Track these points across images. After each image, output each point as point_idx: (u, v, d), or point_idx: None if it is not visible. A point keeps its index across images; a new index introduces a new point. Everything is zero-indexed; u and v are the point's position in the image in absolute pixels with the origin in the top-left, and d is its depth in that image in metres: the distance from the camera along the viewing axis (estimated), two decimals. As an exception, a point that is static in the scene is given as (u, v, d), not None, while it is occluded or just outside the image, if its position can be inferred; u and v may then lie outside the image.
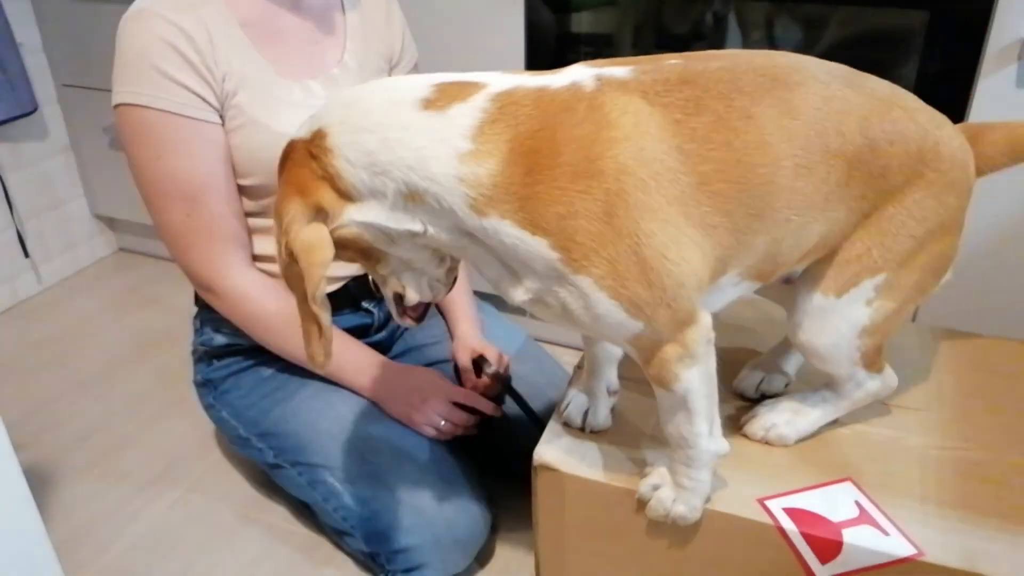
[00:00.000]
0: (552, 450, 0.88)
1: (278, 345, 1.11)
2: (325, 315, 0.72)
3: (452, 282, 0.82)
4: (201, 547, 1.23)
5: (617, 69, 0.72)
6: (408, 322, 0.82)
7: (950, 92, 1.16)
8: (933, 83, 1.18)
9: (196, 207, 1.02)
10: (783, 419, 0.86)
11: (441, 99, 0.69)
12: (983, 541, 0.74)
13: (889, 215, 0.75)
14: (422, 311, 0.82)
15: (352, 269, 1.18)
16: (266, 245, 1.12)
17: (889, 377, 0.85)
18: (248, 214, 1.10)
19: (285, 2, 1.08)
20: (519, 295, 0.72)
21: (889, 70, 1.25)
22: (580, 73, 0.72)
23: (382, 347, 1.29)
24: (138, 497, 1.34)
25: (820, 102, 0.72)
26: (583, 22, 1.42)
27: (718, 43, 1.38)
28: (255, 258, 1.12)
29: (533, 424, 1.14)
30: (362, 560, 1.14)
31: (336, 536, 1.16)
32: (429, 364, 1.28)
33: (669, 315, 0.70)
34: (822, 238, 0.76)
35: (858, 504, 0.79)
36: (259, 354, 1.17)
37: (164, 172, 1.00)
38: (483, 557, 1.18)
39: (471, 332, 1.23)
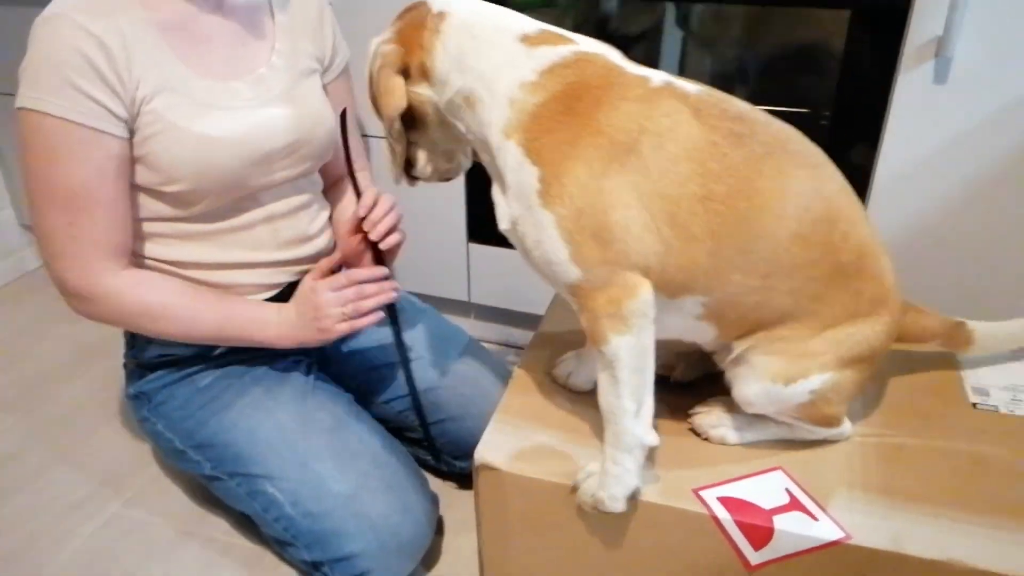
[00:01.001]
0: (493, 449, 0.89)
1: (169, 331, 1.08)
2: (400, 147, 0.86)
3: (448, 178, 0.95)
4: (140, 564, 1.20)
5: (690, 84, 0.79)
6: (404, 181, 0.93)
7: (872, 89, 1.20)
8: (855, 81, 1.22)
9: (79, 216, 0.99)
10: (733, 423, 0.88)
11: (537, 39, 0.79)
12: (908, 523, 0.77)
13: (850, 333, 0.82)
14: (413, 181, 0.94)
15: (286, 277, 1.17)
16: (194, 251, 1.10)
17: (846, 429, 0.88)
18: (176, 220, 1.08)
19: (207, 4, 1.06)
20: (503, 222, 0.81)
21: (814, 69, 1.29)
22: (657, 73, 0.80)
23: (323, 353, 1.27)
24: (72, 515, 1.29)
25: (845, 203, 0.80)
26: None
27: (656, 45, 1.40)
28: (183, 264, 1.10)
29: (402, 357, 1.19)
30: (306, 570, 1.12)
31: (279, 547, 1.14)
32: (371, 368, 1.27)
33: (608, 274, 0.75)
34: (781, 316, 0.80)
35: (788, 491, 0.81)
36: (194, 363, 1.15)
37: (54, 178, 0.97)
38: (430, 560, 1.18)
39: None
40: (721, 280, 0.78)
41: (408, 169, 0.92)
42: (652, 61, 1.42)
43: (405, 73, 0.82)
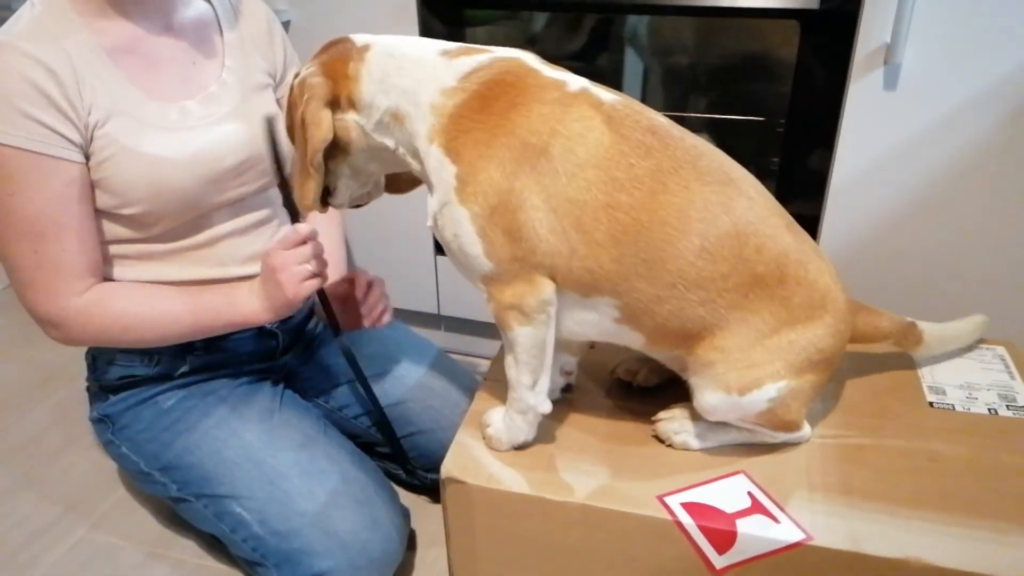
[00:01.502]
0: (459, 462, 0.89)
1: (144, 337, 1.07)
2: (318, 176, 0.86)
3: (359, 204, 0.97)
4: (107, 589, 1.18)
5: (606, 93, 0.81)
6: (317, 208, 0.91)
7: (824, 97, 1.23)
8: (808, 89, 1.24)
9: (44, 244, 0.99)
10: (696, 430, 0.89)
11: (457, 52, 0.82)
12: (866, 523, 0.78)
13: (791, 340, 0.82)
14: (324, 209, 0.94)
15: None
16: (156, 271, 1.09)
17: (805, 433, 0.89)
18: (136, 241, 1.07)
19: (155, 25, 1.05)
20: (429, 219, 0.83)
21: (768, 79, 1.31)
22: (575, 78, 0.82)
23: (289, 368, 1.27)
24: (38, 540, 1.27)
25: (757, 218, 0.80)
26: (477, 38, 1.44)
27: (614, 58, 1.42)
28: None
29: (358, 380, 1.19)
30: (276, 589, 1.12)
31: (248, 567, 1.13)
32: (339, 383, 1.27)
33: (516, 268, 0.80)
34: (705, 326, 0.81)
35: (750, 495, 0.82)
36: (158, 384, 1.14)
37: (16, 208, 0.96)
38: (402, 574, 1.17)
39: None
40: (628, 285, 0.80)
41: (324, 197, 0.92)
42: (605, 74, 1.44)
43: (333, 104, 0.84)
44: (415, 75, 0.81)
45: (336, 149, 0.87)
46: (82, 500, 1.36)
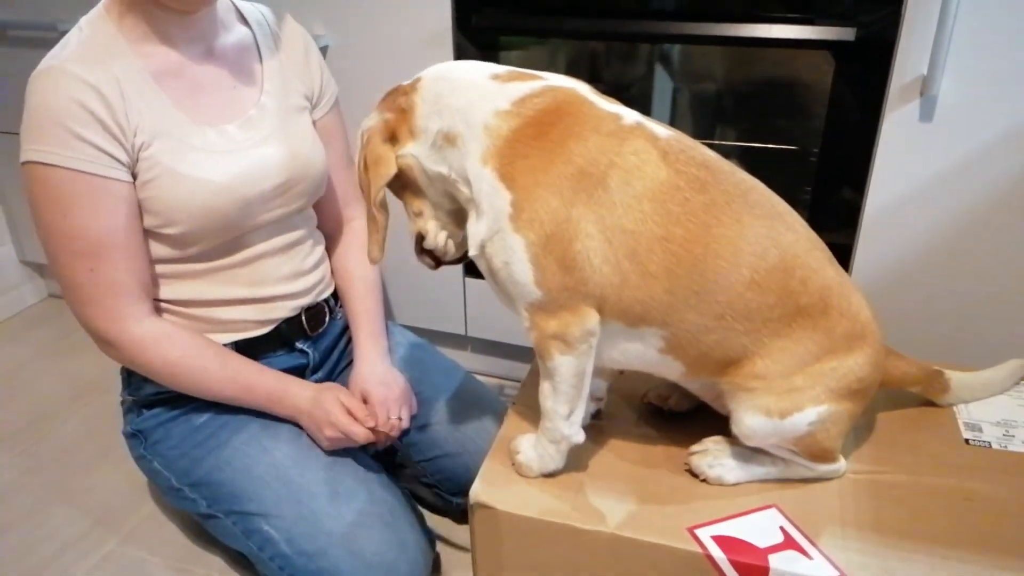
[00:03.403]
0: (488, 488, 0.89)
1: (189, 387, 1.10)
2: (382, 218, 0.87)
3: (462, 252, 0.91)
4: (134, 603, 1.20)
5: (660, 128, 0.82)
6: (426, 261, 0.92)
7: (859, 127, 1.22)
8: (842, 119, 1.24)
9: (100, 263, 1.01)
10: (729, 464, 0.89)
11: (508, 77, 0.83)
12: (900, 562, 0.77)
13: (833, 367, 0.83)
14: (436, 262, 0.93)
15: (283, 312, 1.18)
16: (194, 289, 1.11)
17: (841, 466, 0.89)
18: (175, 260, 1.09)
19: (198, 52, 1.08)
20: (473, 248, 0.83)
21: (801, 108, 1.31)
22: (629, 112, 0.83)
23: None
24: (68, 552, 1.29)
25: (803, 251, 0.82)
26: (512, 63, 1.45)
27: (646, 85, 1.43)
28: (183, 303, 1.12)
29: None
30: (301, 608, 1.12)
31: (274, 585, 1.14)
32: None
33: (565, 298, 0.79)
34: (746, 354, 0.82)
35: (783, 530, 0.81)
36: (190, 401, 1.15)
37: (70, 229, 0.99)
38: (426, 598, 1.17)
39: (364, 369, 1.20)
40: (677, 316, 0.80)
41: (420, 245, 0.92)
42: (640, 101, 1.45)
43: (392, 139, 0.84)
44: (468, 95, 0.81)
45: (407, 189, 0.88)
46: (112, 513, 1.37)
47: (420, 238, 0.91)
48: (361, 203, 1.32)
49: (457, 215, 0.88)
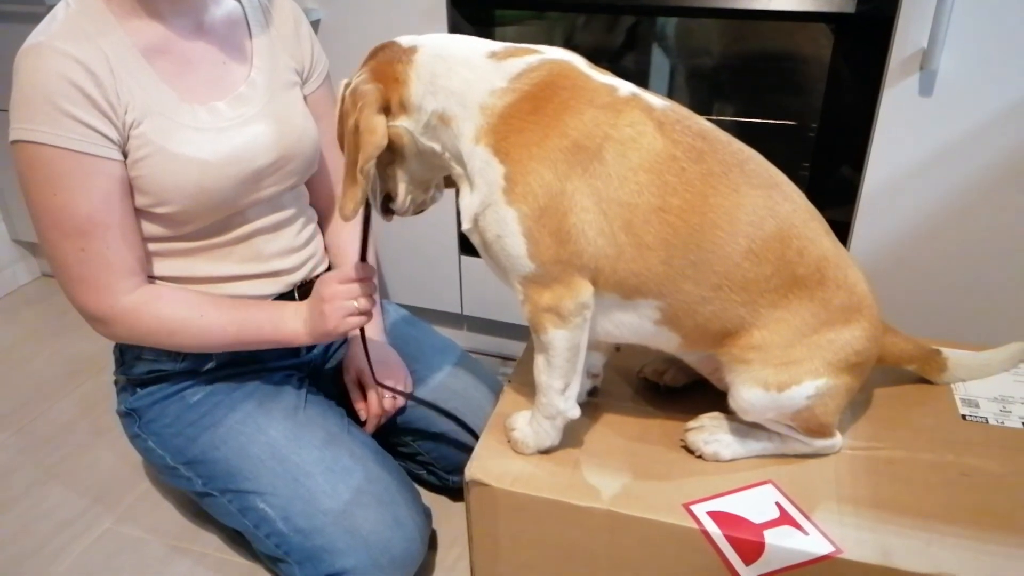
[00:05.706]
0: (483, 465, 0.89)
1: (190, 340, 1.08)
2: (365, 183, 0.84)
3: (422, 210, 0.95)
4: (131, 581, 1.20)
5: (656, 99, 0.81)
6: (387, 218, 0.94)
7: (858, 102, 1.21)
8: (841, 94, 1.22)
9: (91, 242, 1.00)
10: (726, 440, 0.89)
11: (505, 54, 0.82)
12: (897, 537, 0.77)
13: (830, 339, 0.83)
14: (389, 216, 0.95)
15: (277, 288, 1.17)
16: (186, 267, 1.10)
17: (837, 441, 0.88)
18: (167, 239, 1.08)
19: (187, 27, 1.06)
20: (466, 222, 0.82)
21: (800, 82, 1.29)
22: (624, 83, 0.82)
23: (315, 365, 1.27)
24: (64, 532, 1.29)
25: (800, 222, 0.81)
26: (507, 37, 1.43)
27: (643, 58, 1.41)
28: (175, 280, 1.10)
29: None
30: (298, 586, 1.12)
31: (270, 563, 1.14)
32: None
33: (558, 271, 0.79)
34: (743, 325, 0.82)
35: (779, 505, 0.81)
36: (185, 379, 1.14)
37: (60, 208, 0.98)
38: (423, 574, 1.17)
39: (359, 347, 1.17)
40: (673, 287, 0.80)
41: (386, 204, 0.93)
42: (637, 75, 1.43)
43: (385, 110, 0.83)
44: (464, 76, 0.80)
45: (392, 155, 0.87)
46: (108, 492, 1.37)
47: (387, 198, 0.92)
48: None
49: (426, 181, 0.90)
